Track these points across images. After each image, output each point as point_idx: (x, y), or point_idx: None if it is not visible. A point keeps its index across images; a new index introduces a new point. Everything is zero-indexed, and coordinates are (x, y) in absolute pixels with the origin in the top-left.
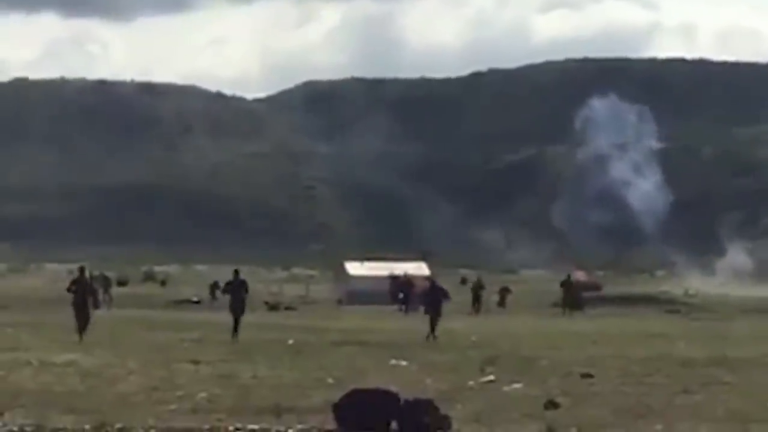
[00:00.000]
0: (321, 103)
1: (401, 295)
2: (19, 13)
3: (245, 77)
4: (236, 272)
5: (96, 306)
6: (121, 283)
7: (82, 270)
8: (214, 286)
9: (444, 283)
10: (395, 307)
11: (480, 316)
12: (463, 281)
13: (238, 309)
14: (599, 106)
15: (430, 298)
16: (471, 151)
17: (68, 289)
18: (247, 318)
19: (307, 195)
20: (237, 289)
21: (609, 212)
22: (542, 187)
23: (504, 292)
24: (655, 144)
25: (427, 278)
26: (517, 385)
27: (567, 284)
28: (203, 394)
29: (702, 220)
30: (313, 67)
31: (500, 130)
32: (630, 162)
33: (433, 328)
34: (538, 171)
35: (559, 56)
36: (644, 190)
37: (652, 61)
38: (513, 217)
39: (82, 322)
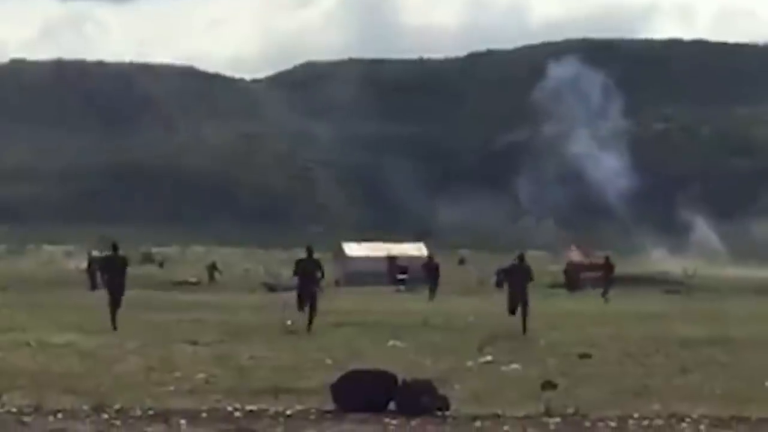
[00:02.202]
0: (319, 84)
1: (400, 276)
2: None
3: (243, 58)
4: (309, 250)
5: (94, 287)
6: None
7: (114, 247)
8: (212, 267)
9: (442, 263)
10: (393, 288)
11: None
12: (461, 262)
13: (310, 294)
14: (560, 73)
15: (514, 279)
16: (470, 131)
17: (100, 268)
18: (245, 299)
19: (306, 176)
20: (309, 270)
21: (579, 190)
22: (538, 167)
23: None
24: (621, 120)
25: (517, 256)
26: (515, 366)
27: (607, 266)
28: (201, 375)
29: (699, 199)
30: (311, 48)
31: (498, 111)
32: (596, 137)
33: (524, 317)
34: (536, 151)
35: (556, 37)
36: (610, 167)
37: (650, 42)
38: (512, 197)
39: (115, 305)
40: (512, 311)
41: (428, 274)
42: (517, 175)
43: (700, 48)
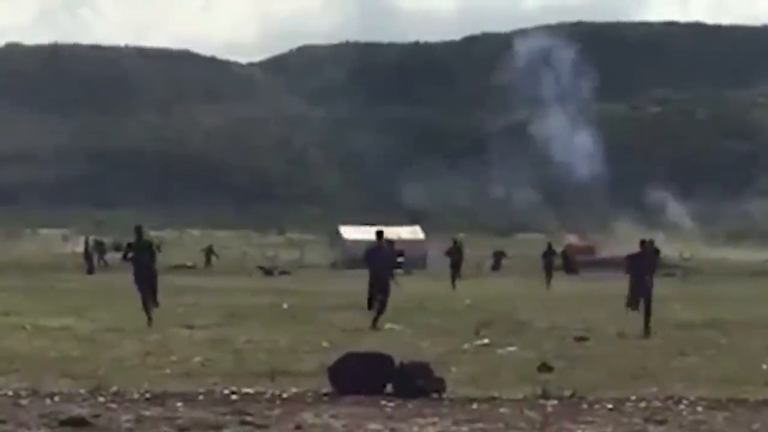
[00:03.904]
0: (315, 68)
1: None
2: None
3: (239, 42)
4: (380, 234)
5: (91, 271)
6: (117, 248)
7: (139, 230)
8: (209, 251)
9: (438, 246)
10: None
11: (550, 286)
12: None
13: (383, 284)
14: (556, 56)
15: (641, 265)
16: (465, 115)
17: (124, 256)
18: (242, 282)
19: (302, 160)
20: (384, 257)
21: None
22: (535, 150)
23: (499, 255)
24: (615, 104)
25: (643, 241)
26: (511, 348)
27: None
28: (198, 359)
29: (694, 182)
30: (307, 32)
31: (494, 95)
32: (588, 121)
33: (647, 312)
34: (532, 134)
35: (552, 20)
36: (601, 149)
37: (646, 25)
38: (507, 179)
39: (148, 296)
40: (634, 304)
41: (452, 259)
42: (514, 157)
43: (697, 30)
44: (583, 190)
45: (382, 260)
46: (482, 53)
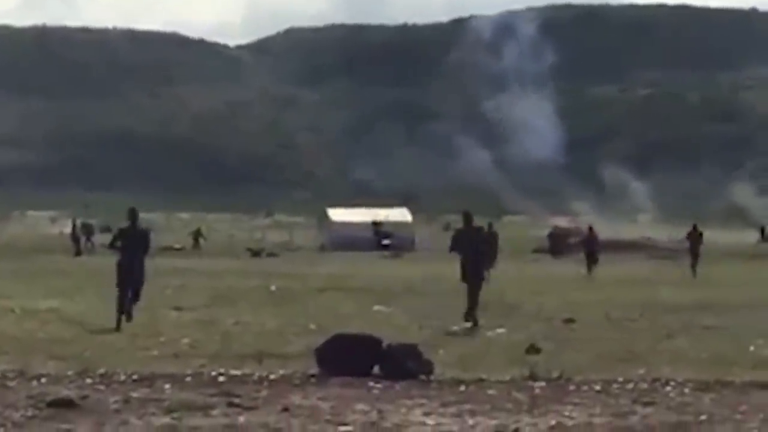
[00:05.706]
0: (304, 50)
1: (384, 241)
2: None
3: (228, 24)
4: (468, 216)
5: (78, 253)
6: (105, 230)
7: (134, 214)
8: (197, 233)
9: (428, 229)
10: (379, 253)
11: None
12: (447, 227)
13: (477, 271)
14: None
15: None
16: (452, 97)
17: (111, 244)
18: (230, 264)
19: (291, 142)
20: (475, 246)
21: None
22: (524, 131)
23: None
24: (603, 86)
25: None
26: (500, 331)
27: (693, 235)
28: (186, 340)
29: (683, 164)
30: (295, 14)
31: (482, 77)
32: (580, 104)
33: None
34: (517, 116)
35: (540, 2)
36: (591, 131)
37: (634, 7)
38: (495, 161)
39: (127, 295)
40: None
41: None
42: (505, 139)
43: (685, 13)
44: (572, 172)
45: (471, 246)
46: (470, 35)
